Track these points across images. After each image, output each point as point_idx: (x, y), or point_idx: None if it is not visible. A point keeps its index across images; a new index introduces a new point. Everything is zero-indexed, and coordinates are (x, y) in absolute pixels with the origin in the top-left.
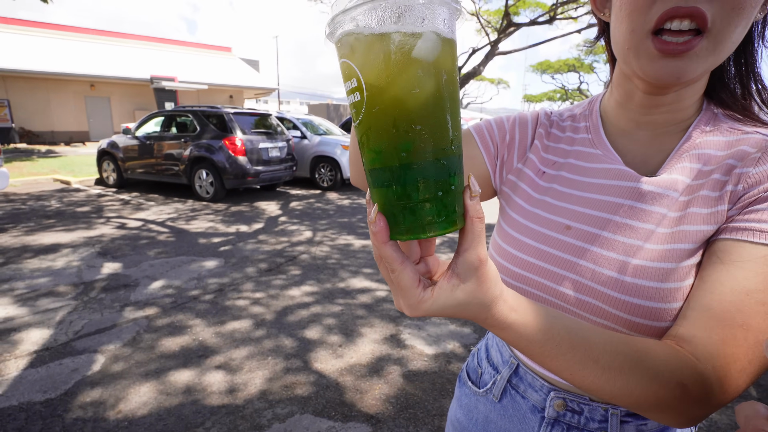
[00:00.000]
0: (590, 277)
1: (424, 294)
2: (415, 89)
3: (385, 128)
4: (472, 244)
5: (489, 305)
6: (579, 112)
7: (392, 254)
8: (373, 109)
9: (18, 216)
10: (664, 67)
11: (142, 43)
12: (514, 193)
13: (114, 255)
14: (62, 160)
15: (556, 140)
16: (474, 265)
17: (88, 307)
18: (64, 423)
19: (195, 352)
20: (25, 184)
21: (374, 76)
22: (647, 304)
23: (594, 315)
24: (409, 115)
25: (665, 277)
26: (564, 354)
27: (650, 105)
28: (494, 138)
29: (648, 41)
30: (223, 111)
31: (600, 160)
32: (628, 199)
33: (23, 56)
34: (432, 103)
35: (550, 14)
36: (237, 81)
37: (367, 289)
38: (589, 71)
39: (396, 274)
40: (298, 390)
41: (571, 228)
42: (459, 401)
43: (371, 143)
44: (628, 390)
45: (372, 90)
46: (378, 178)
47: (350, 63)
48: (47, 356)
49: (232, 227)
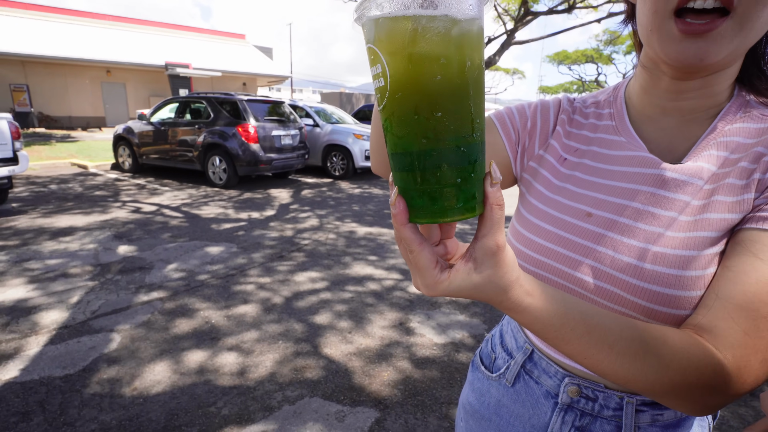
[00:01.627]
0: (609, 263)
1: (441, 275)
2: (437, 76)
3: (407, 114)
4: (490, 230)
5: (505, 289)
6: (603, 98)
7: (411, 236)
8: (396, 95)
9: (37, 199)
10: (687, 49)
11: (157, 30)
12: (535, 179)
13: (129, 238)
14: (79, 145)
15: (579, 127)
16: (491, 251)
17: (105, 288)
18: (82, 397)
19: (207, 334)
20: (44, 168)
21: (397, 61)
22: (666, 291)
23: (612, 302)
24: (431, 102)
25: (686, 265)
26: (579, 338)
27: (677, 90)
28: (515, 125)
29: (670, 22)
30: (236, 98)
31: (623, 148)
32: (650, 186)
33: (42, 42)
34: (454, 90)
35: (569, 3)
36: (250, 68)
37: (376, 277)
38: (608, 62)
39: (414, 254)
40: (308, 373)
41: (592, 215)
42: (471, 385)
43: (394, 128)
44: (642, 375)
45: (395, 76)
46: (399, 162)
47: (375, 48)
48: (66, 334)
49: (244, 214)
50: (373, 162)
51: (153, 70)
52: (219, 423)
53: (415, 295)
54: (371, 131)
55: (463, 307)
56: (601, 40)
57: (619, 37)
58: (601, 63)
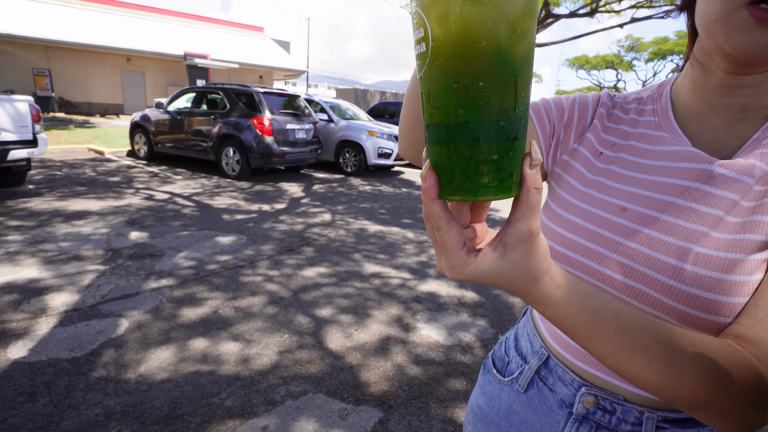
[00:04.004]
0: (642, 261)
1: (467, 257)
2: (482, 42)
3: (446, 82)
4: (525, 215)
5: (534, 279)
6: (647, 95)
7: (440, 212)
8: (437, 61)
9: (54, 181)
10: (758, 38)
11: (177, 20)
12: (567, 173)
13: (141, 225)
14: (97, 131)
15: (618, 122)
16: (524, 237)
17: (115, 273)
18: (88, 381)
19: (214, 324)
20: (62, 152)
21: (441, 25)
22: (706, 295)
23: (642, 303)
24: (473, 69)
25: (730, 269)
26: (611, 339)
27: (731, 86)
28: (551, 116)
29: (743, 10)
30: (253, 90)
31: (666, 143)
32: (695, 181)
33: (66, 28)
34: (499, 59)
35: (591, 6)
36: (268, 61)
37: (384, 275)
38: (628, 69)
39: (441, 233)
40: (312, 368)
41: (627, 210)
42: (482, 388)
43: (432, 98)
44: (677, 383)
45: (438, 41)
46: (433, 134)
47: (420, 11)
48: (75, 317)
49: (255, 206)
50: (402, 144)
51: (172, 59)
52: (222, 414)
53: (423, 294)
54: (403, 109)
55: (471, 308)
56: (622, 46)
57: (642, 43)
58: (622, 69)
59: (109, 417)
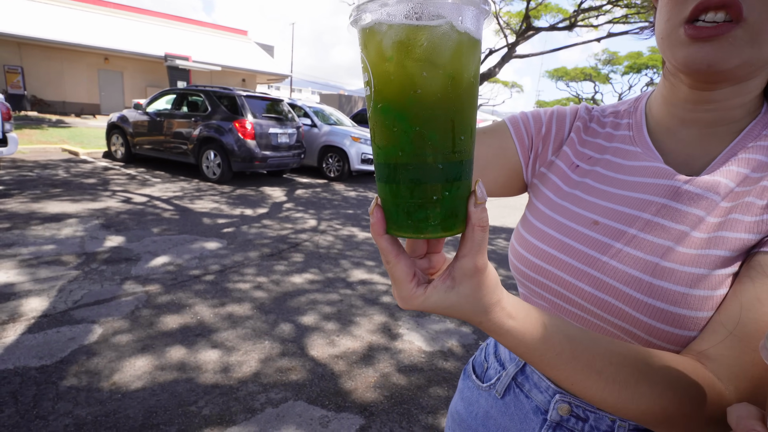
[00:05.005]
0: (611, 274)
1: (416, 289)
2: (417, 90)
3: (386, 125)
4: (470, 251)
5: (484, 311)
6: (623, 108)
7: (387, 246)
8: (378, 105)
9: (24, 183)
10: (695, 53)
11: (158, 20)
12: (544, 185)
13: (117, 228)
14: (72, 131)
15: (594, 135)
16: (471, 272)
17: (89, 277)
18: (57, 390)
19: (192, 331)
20: (34, 152)
21: (380, 72)
22: (671, 309)
23: (611, 315)
24: (410, 115)
25: (695, 283)
26: (565, 363)
27: (696, 101)
28: (530, 130)
29: (680, 29)
30: (235, 93)
31: (638, 158)
32: (663, 197)
33: (40, 24)
34: (435, 105)
35: (570, 21)
36: (251, 65)
37: (367, 281)
38: (605, 81)
39: (390, 266)
40: (293, 376)
41: (598, 223)
42: (461, 393)
43: (376, 138)
44: (633, 403)
45: (378, 86)
46: (380, 172)
47: (363, 56)
48: (45, 323)
49: (237, 210)
50: None
51: (152, 60)
52: (199, 423)
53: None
54: None
55: None
56: (599, 59)
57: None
58: (599, 81)
59: (79, 427)
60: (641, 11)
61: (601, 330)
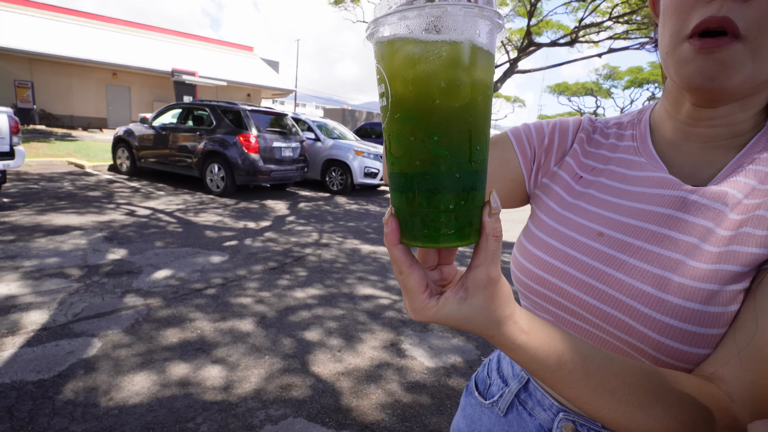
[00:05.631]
0: (618, 288)
1: (429, 300)
2: (435, 100)
3: (404, 135)
4: (484, 261)
5: (497, 324)
6: (627, 120)
7: (401, 257)
8: (395, 116)
9: (30, 195)
10: (698, 66)
11: (165, 36)
12: (548, 196)
13: (120, 241)
14: (78, 144)
15: (598, 146)
16: (484, 283)
17: (90, 290)
18: (54, 405)
19: (192, 345)
20: (40, 165)
21: (398, 83)
22: (684, 326)
23: (618, 329)
24: (428, 125)
25: (709, 300)
26: (577, 382)
27: (699, 117)
28: (532, 141)
29: (684, 44)
30: (240, 107)
31: (643, 168)
32: (669, 208)
33: (50, 40)
34: (453, 116)
35: (571, 36)
36: (256, 80)
37: (370, 295)
38: (607, 96)
39: (403, 276)
40: (294, 392)
41: (603, 235)
42: (463, 411)
43: (392, 148)
44: (645, 425)
45: (396, 97)
46: (395, 182)
47: (380, 67)
48: (44, 336)
49: (240, 223)
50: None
51: (159, 75)
52: None
53: (409, 316)
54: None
55: (457, 331)
56: (600, 74)
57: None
58: (600, 96)
59: None
60: (641, 27)
61: (608, 345)
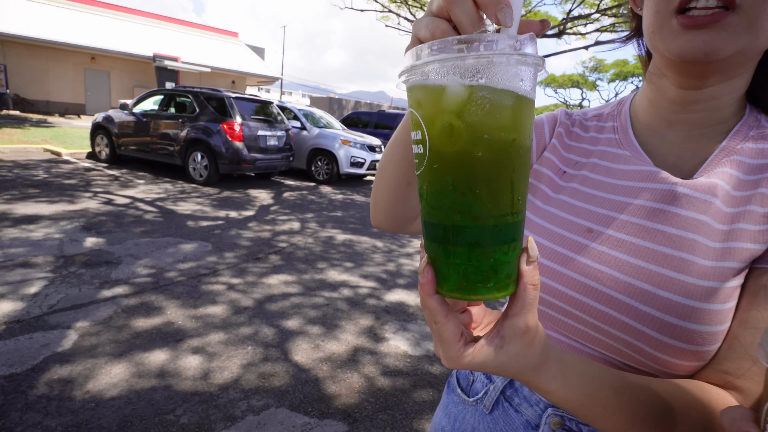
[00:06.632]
0: (612, 285)
1: (464, 349)
2: (478, 152)
3: (443, 186)
4: (522, 310)
5: (533, 370)
6: (607, 111)
7: (437, 307)
8: (434, 165)
9: (2, 183)
10: (690, 41)
11: (147, 20)
12: (532, 194)
13: (98, 230)
14: (55, 131)
15: (578, 140)
16: (521, 331)
17: (67, 281)
18: (27, 399)
19: (172, 336)
20: (14, 152)
21: (438, 132)
22: (683, 324)
23: (616, 328)
24: (470, 178)
25: (710, 297)
26: (611, 416)
27: (684, 101)
28: None
29: (672, 19)
30: (224, 94)
31: (627, 162)
32: (658, 202)
33: (24, 22)
34: (496, 168)
35: (559, 28)
36: (241, 67)
37: (352, 284)
38: (592, 88)
39: (438, 326)
40: (275, 381)
41: (593, 231)
42: (446, 408)
43: (429, 198)
44: None
45: (434, 146)
46: (431, 232)
47: (416, 114)
48: (17, 329)
49: (222, 212)
50: (378, 215)
51: (140, 60)
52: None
53: (392, 304)
54: (377, 179)
55: None
56: (587, 67)
57: (604, 65)
58: (586, 88)
59: None
60: (628, 20)
61: (605, 345)
